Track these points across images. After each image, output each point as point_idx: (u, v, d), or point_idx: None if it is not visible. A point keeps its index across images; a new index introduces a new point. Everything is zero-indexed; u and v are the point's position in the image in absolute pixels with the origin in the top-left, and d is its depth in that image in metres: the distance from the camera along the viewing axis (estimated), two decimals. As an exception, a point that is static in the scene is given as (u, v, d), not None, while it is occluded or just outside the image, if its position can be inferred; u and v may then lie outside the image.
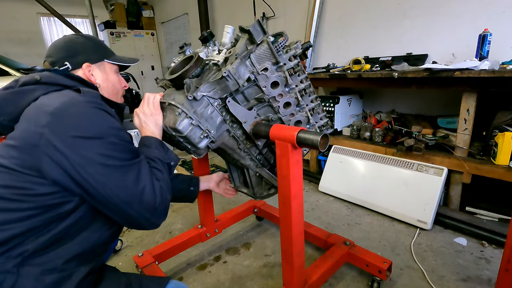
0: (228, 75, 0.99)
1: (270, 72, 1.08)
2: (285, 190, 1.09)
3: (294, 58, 1.15)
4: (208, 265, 1.74)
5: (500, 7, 2.04)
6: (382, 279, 1.42)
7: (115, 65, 1.03)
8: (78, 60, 0.94)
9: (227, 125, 1.13)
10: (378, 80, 2.29)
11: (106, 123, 0.78)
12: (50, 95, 0.81)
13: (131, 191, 0.76)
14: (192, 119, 1.00)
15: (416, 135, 2.15)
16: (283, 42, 1.07)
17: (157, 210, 0.81)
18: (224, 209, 2.34)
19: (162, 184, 0.84)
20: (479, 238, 1.81)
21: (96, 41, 1.03)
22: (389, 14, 2.64)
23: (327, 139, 0.98)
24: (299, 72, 1.22)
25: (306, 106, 1.26)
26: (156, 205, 0.80)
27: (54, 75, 0.87)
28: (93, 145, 0.73)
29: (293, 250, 1.16)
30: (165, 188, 0.84)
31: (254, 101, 1.15)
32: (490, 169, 1.81)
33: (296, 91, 1.18)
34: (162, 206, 0.82)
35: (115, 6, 6.12)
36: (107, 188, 0.74)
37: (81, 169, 0.72)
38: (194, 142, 1.04)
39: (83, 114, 0.76)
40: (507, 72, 1.59)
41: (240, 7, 4.16)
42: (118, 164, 0.76)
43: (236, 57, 1.02)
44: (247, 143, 1.24)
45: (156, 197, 0.80)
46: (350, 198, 2.37)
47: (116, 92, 1.04)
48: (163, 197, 0.82)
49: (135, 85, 5.15)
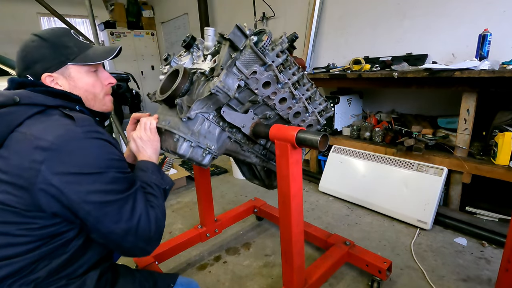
0: (217, 91, 0.96)
1: (259, 74, 1.04)
2: (285, 190, 1.09)
3: (282, 54, 1.10)
4: (208, 265, 1.74)
5: (500, 7, 2.04)
6: (382, 279, 1.42)
7: (85, 65, 0.86)
8: (36, 70, 0.81)
9: (226, 132, 1.14)
10: (378, 80, 2.29)
11: (105, 155, 0.75)
12: (37, 121, 0.75)
13: (126, 225, 0.75)
14: (191, 141, 1.01)
15: (416, 135, 2.15)
16: (267, 41, 1.02)
17: (152, 239, 0.80)
18: (224, 209, 2.34)
19: (157, 211, 0.82)
20: (479, 238, 1.81)
21: (53, 41, 0.82)
22: (389, 14, 2.64)
23: (326, 138, 0.98)
24: (290, 65, 1.18)
25: (302, 97, 1.24)
26: (151, 235, 0.79)
27: (34, 94, 0.78)
28: (91, 181, 0.71)
29: (293, 250, 1.16)
30: (160, 216, 0.83)
31: (249, 104, 1.14)
32: (490, 169, 1.81)
33: (290, 85, 1.15)
34: (157, 235, 0.81)
35: (115, 6, 6.12)
36: (104, 225, 0.73)
37: (78, 206, 0.71)
38: (198, 161, 1.06)
39: (82, 149, 0.72)
40: (507, 72, 1.59)
41: (240, 7, 4.16)
42: (114, 199, 0.74)
43: (222, 68, 0.98)
44: (249, 143, 1.24)
45: (151, 226, 0.79)
46: (350, 198, 2.37)
47: (93, 97, 0.89)
48: (158, 225, 0.81)
49: (135, 85, 5.16)
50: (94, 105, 0.91)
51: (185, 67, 1.07)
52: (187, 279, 1.01)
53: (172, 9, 5.87)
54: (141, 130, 0.99)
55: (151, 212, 0.80)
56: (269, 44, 1.02)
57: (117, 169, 0.76)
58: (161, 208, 0.85)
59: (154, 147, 0.99)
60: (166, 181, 0.94)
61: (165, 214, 0.87)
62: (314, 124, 1.37)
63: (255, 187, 2.79)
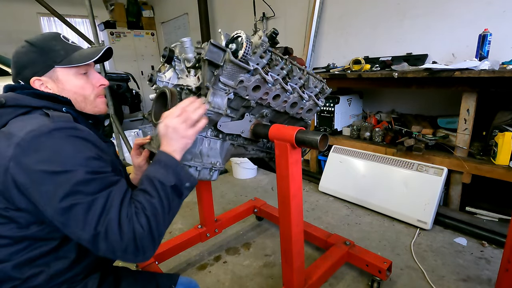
0: (209, 113, 0.95)
1: (246, 82, 1.02)
2: (284, 190, 1.09)
3: (265, 54, 1.06)
4: (208, 265, 1.74)
5: (500, 7, 2.04)
6: (382, 279, 1.42)
7: (73, 67, 0.84)
8: (25, 75, 0.82)
9: (228, 141, 1.15)
10: (378, 80, 2.29)
11: (76, 153, 0.70)
12: (18, 120, 0.74)
13: (95, 231, 0.66)
14: (196, 166, 1.00)
15: (416, 135, 2.15)
16: (247, 47, 0.96)
17: (127, 248, 0.68)
18: (224, 209, 2.34)
19: (139, 216, 0.70)
20: (479, 238, 1.81)
21: (40, 45, 0.83)
22: (389, 14, 2.64)
23: (326, 138, 0.98)
24: (276, 62, 1.13)
25: (295, 87, 1.21)
26: (123, 246, 0.67)
27: (21, 96, 0.78)
28: (56, 181, 0.66)
29: (292, 250, 1.16)
30: (143, 221, 0.70)
31: (243, 109, 1.15)
32: (490, 169, 1.81)
33: (280, 81, 1.13)
34: (133, 244, 0.68)
35: (115, 6, 6.12)
36: (70, 230, 0.68)
37: (43, 208, 0.67)
38: (207, 179, 1.06)
39: (50, 146, 0.68)
40: (507, 72, 1.59)
41: (240, 7, 4.16)
42: (81, 202, 0.67)
43: (207, 87, 0.96)
44: (252, 142, 1.26)
45: (122, 236, 0.67)
46: (350, 198, 2.37)
47: (83, 99, 0.88)
48: (136, 232, 0.68)
49: (135, 85, 5.17)
50: (85, 107, 0.89)
51: (171, 89, 1.04)
52: (187, 279, 1.00)
53: (172, 9, 5.87)
54: (180, 120, 0.84)
55: (123, 217, 0.69)
56: (249, 49, 0.97)
57: (88, 169, 0.69)
58: (151, 210, 0.72)
59: (184, 145, 0.85)
60: (179, 177, 0.80)
61: (163, 221, 0.75)
62: (313, 108, 1.35)
63: (255, 187, 2.79)
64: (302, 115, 1.33)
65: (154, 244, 0.72)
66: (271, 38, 1.04)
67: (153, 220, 0.72)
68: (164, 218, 0.75)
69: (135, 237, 0.68)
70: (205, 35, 4.61)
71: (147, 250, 0.71)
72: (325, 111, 2.74)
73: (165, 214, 0.75)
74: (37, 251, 0.74)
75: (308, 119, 1.39)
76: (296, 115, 1.31)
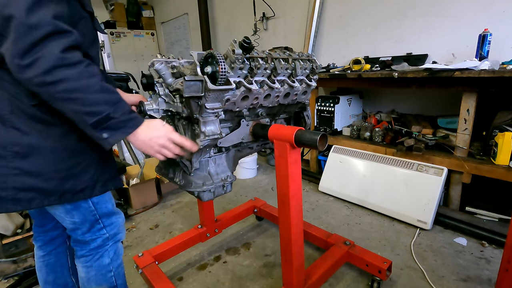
0: (205, 144, 0.97)
1: (233, 97, 1.01)
2: (284, 190, 1.09)
3: (243, 65, 1.00)
4: (208, 265, 1.74)
5: (500, 7, 2.04)
6: (382, 279, 1.42)
7: None
8: None
9: (232, 150, 1.18)
10: (378, 80, 2.29)
11: None
12: None
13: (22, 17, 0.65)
14: (209, 188, 1.07)
15: (416, 135, 2.15)
16: (222, 68, 0.91)
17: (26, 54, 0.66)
18: (224, 209, 2.34)
19: (54, 51, 0.68)
20: (479, 238, 1.81)
21: None
22: (389, 14, 2.64)
23: (325, 138, 0.98)
24: (257, 66, 1.07)
25: (284, 79, 1.17)
26: (25, 46, 0.66)
27: None
28: None
29: (292, 250, 1.16)
30: (54, 59, 0.68)
31: (237, 118, 1.16)
32: (490, 169, 1.81)
33: (267, 82, 1.10)
34: (31, 57, 0.67)
35: (115, 6, 6.12)
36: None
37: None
38: (222, 194, 1.14)
39: None
40: (507, 72, 1.59)
41: (240, 7, 4.16)
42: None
43: (195, 116, 0.97)
44: (256, 140, 1.28)
45: (33, 33, 0.65)
46: (350, 198, 2.37)
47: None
48: (47, 59, 0.67)
49: (135, 85, 5.16)
50: None
51: (166, 122, 1.04)
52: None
53: (172, 9, 5.87)
54: (164, 140, 0.89)
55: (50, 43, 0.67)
56: (225, 67, 0.93)
57: None
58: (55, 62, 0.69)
59: (150, 148, 0.89)
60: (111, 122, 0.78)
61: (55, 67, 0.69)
62: (307, 90, 1.31)
63: (255, 187, 2.79)
64: (297, 99, 1.31)
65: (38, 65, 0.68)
66: (243, 48, 0.98)
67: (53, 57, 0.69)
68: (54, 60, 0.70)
69: (43, 56, 0.67)
70: (205, 35, 4.60)
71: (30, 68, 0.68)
72: (325, 111, 2.73)
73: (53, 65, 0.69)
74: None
75: (305, 100, 1.37)
76: (292, 102, 1.30)
